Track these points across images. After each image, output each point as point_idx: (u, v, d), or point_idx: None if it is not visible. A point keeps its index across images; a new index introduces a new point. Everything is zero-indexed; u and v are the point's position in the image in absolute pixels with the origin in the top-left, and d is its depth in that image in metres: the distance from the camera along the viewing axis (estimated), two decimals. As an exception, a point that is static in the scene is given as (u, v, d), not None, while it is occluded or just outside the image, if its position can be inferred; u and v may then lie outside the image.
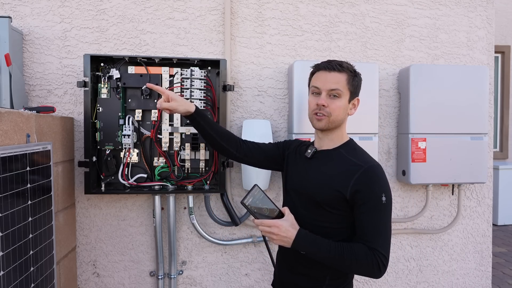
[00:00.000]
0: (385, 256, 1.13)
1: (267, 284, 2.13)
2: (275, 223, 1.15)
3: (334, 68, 1.22)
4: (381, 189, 1.15)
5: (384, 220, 1.15)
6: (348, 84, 1.23)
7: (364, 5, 2.19)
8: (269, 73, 2.10)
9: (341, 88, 1.22)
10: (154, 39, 2.01)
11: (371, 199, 1.14)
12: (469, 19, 2.29)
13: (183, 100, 1.41)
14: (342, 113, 1.24)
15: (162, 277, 1.98)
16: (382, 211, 1.14)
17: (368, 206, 1.14)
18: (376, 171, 1.17)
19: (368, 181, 1.15)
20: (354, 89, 1.25)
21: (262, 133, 1.94)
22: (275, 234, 1.15)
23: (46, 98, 1.93)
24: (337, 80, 1.22)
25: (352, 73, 1.24)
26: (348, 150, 1.25)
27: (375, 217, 1.14)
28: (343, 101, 1.23)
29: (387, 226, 1.16)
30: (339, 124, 1.26)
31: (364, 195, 1.14)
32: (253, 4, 2.09)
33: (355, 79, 1.25)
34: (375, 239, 1.13)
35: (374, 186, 1.15)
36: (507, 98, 5.75)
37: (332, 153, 1.26)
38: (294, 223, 1.19)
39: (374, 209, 1.14)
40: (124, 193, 1.83)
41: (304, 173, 1.30)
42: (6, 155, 1.12)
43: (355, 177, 1.16)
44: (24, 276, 1.22)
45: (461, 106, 2.09)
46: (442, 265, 2.30)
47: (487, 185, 2.32)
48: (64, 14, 1.94)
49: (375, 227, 1.14)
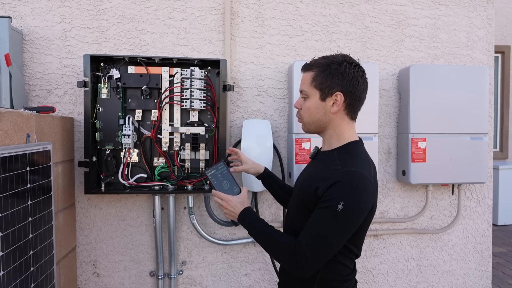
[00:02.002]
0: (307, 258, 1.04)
1: (267, 284, 2.13)
2: (227, 197, 1.25)
3: (304, 68, 1.19)
4: (342, 195, 1.03)
5: (327, 226, 1.04)
6: (313, 82, 1.14)
7: (364, 5, 2.19)
8: (269, 73, 2.10)
9: (305, 89, 1.17)
10: (154, 39, 2.01)
11: (327, 201, 1.04)
12: (469, 19, 2.29)
13: (253, 162, 1.63)
14: (315, 114, 1.16)
15: (162, 277, 1.98)
16: (329, 216, 1.03)
17: (322, 206, 1.06)
18: (349, 178, 1.05)
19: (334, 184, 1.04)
20: (323, 85, 1.13)
21: (262, 133, 1.94)
22: (225, 208, 1.25)
23: (46, 98, 1.93)
24: (303, 80, 1.18)
25: (322, 67, 1.13)
26: (341, 153, 1.15)
27: (320, 217, 1.05)
28: (312, 101, 1.16)
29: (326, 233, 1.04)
30: (320, 125, 1.18)
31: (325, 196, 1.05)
32: (253, 4, 2.09)
33: (323, 74, 1.12)
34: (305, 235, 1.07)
35: (336, 191, 1.04)
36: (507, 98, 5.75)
37: (327, 154, 1.20)
38: (245, 201, 1.25)
39: (323, 211, 1.05)
40: (124, 193, 1.83)
41: (303, 172, 1.30)
42: (6, 155, 1.12)
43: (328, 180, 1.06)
44: (24, 276, 1.22)
45: (461, 106, 2.09)
46: (442, 265, 2.30)
47: (487, 185, 2.32)
48: (64, 14, 1.94)
49: (313, 225, 1.06)
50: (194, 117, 1.88)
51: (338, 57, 1.15)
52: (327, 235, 1.05)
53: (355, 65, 1.14)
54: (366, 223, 1.14)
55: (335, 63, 1.12)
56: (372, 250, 2.22)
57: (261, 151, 1.92)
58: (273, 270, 2.10)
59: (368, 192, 1.07)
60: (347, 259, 1.16)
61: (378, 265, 2.24)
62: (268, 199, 2.11)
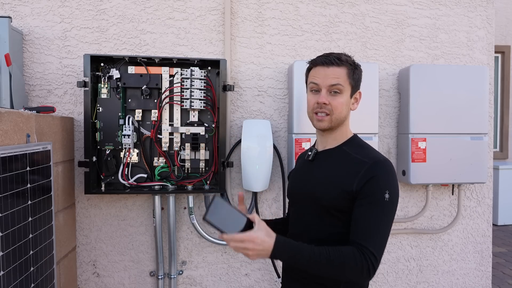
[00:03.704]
0: (376, 258, 1.01)
1: (267, 284, 2.13)
2: (249, 237, 0.96)
3: (332, 63, 1.14)
4: (385, 185, 1.06)
5: (382, 217, 1.04)
6: (349, 78, 1.15)
7: (364, 5, 2.19)
8: (269, 73, 2.10)
9: (342, 83, 1.14)
10: (154, 39, 2.01)
11: (373, 194, 1.05)
12: (469, 19, 2.29)
13: None
14: (345, 110, 1.16)
15: (162, 277, 1.98)
16: (381, 208, 1.04)
17: (368, 201, 1.05)
18: (382, 166, 1.08)
19: (372, 177, 1.06)
20: (355, 83, 1.17)
21: (262, 133, 1.94)
22: (250, 249, 0.96)
23: (46, 98, 1.93)
24: (337, 74, 1.14)
25: (352, 65, 1.16)
26: (351, 147, 1.17)
27: (373, 212, 1.04)
28: (344, 97, 1.15)
29: (384, 225, 1.05)
30: (342, 121, 1.18)
31: (366, 190, 1.05)
32: (253, 4, 2.09)
33: (355, 72, 1.17)
34: (367, 237, 1.02)
35: (377, 182, 1.06)
36: (507, 98, 5.75)
37: (335, 151, 1.18)
38: (269, 230, 1.01)
39: (373, 204, 1.04)
40: (124, 193, 1.83)
41: (308, 175, 1.22)
42: (6, 155, 1.12)
43: (360, 175, 1.07)
44: (24, 276, 1.22)
45: (461, 106, 2.09)
46: (442, 265, 2.30)
47: (487, 185, 2.32)
48: (64, 14, 1.94)
49: (371, 223, 1.03)
50: (194, 117, 1.88)
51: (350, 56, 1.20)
52: (383, 228, 1.05)
53: None
54: None
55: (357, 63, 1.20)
56: (372, 250, 2.22)
57: (261, 151, 1.92)
58: (273, 270, 2.10)
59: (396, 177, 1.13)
60: None
61: (378, 265, 2.24)
62: (268, 199, 2.11)
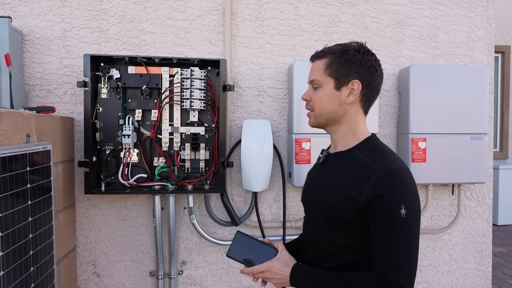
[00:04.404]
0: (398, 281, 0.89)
1: (267, 284, 2.12)
2: (266, 267, 1.04)
3: (316, 56, 1.07)
4: (399, 199, 0.92)
5: (401, 237, 0.91)
6: (327, 69, 1.02)
7: (364, 5, 2.19)
8: (269, 73, 2.10)
9: (318, 78, 1.04)
10: (154, 39, 2.01)
11: (386, 211, 0.92)
12: (469, 19, 2.29)
13: None
14: (328, 104, 1.03)
15: (162, 277, 1.98)
16: (398, 227, 0.91)
17: (382, 219, 0.92)
18: (396, 176, 0.94)
19: (383, 190, 0.92)
20: (339, 72, 1.02)
21: (262, 133, 1.94)
22: (270, 278, 1.05)
23: (46, 98, 1.93)
24: (314, 69, 1.06)
25: (337, 53, 1.02)
26: (363, 150, 1.02)
27: (390, 233, 0.92)
28: (325, 90, 1.03)
29: (407, 245, 0.91)
30: (332, 118, 1.05)
31: (377, 206, 0.93)
32: (253, 4, 2.09)
33: (339, 60, 1.02)
34: (388, 263, 0.91)
35: (390, 195, 0.92)
36: (507, 98, 5.75)
37: (345, 155, 1.05)
38: (287, 259, 1.05)
39: (388, 224, 0.92)
40: (124, 193, 1.83)
41: (317, 180, 1.12)
42: (6, 155, 1.12)
43: (370, 185, 0.94)
44: (24, 276, 1.22)
45: (461, 106, 2.09)
46: (442, 265, 2.30)
47: (487, 185, 2.32)
48: (64, 14, 1.94)
49: (389, 247, 0.92)
50: (194, 117, 1.88)
51: (354, 44, 1.05)
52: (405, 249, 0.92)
53: (372, 54, 1.05)
54: None
55: (352, 50, 1.03)
56: (372, 250, 2.22)
57: (261, 151, 1.92)
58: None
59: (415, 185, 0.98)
60: None
61: (378, 265, 2.24)
62: (268, 199, 2.11)
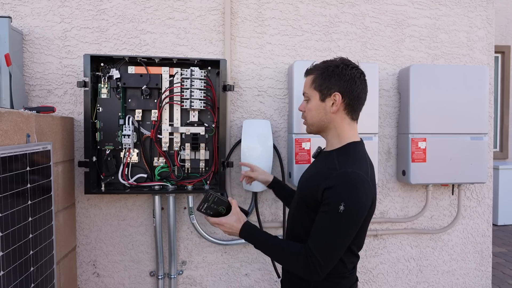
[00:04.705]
0: (321, 264, 1.10)
1: (267, 284, 2.13)
2: (219, 221, 1.27)
3: (306, 73, 1.28)
4: (342, 196, 1.08)
5: (333, 227, 1.09)
6: (313, 84, 1.23)
7: (364, 5, 2.19)
8: (269, 73, 2.10)
9: (306, 91, 1.27)
10: (154, 39, 2.01)
11: (329, 203, 1.10)
12: (469, 19, 2.29)
13: (263, 171, 1.75)
14: (316, 115, 1.24)
15: (162, 277, 1.98)
16: (333, 218, 1.09)
17: (324, 209, 1.11)
18: (348, 177, 1.11)
19: (334, 186, 1.10)
20: (322, 86, 1.21)
21: (262, 133, 1.94)
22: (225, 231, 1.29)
23: (46, 98, 1.93)
24: (305, 84, 1.27)
25: (320, 70, 1.22)
26: (339, 153, 1.21)
27: (324, 220, 1.11)
28: (313, 102, 1.24)
29: (335, 235, 1.10)
30: (322, 125, 1.25)
31: (325, 198, 1.11)
32: (253, 4, 2.09)
33: (321, 76, 1.21)
34: (315, 241, 1.12)
35: (336, 192, 1.10)
36: (507, 98, 5.75)
37: (327, 154, 1.26)
38: (240, 217, 1.28)
39: (326, 213, 1.11)
40: (124, 193, 1.83)
41: (306, 171, 1.35)
42: (6, 155, 1.12)
43: (327, 180, 1.12)
44: (24, 276, 1.22)
45: (461, 106, 2.09)
46: (442, 265, 2.30)
47: (487, 185, 2.32)
48: (64, 14, 1.94)
49: (319, 230, 1.11)
50: (194, 117, 1.88)
51: (336, 60, 1.24)
52: (334, 238, 1.10)
53: (352, 67, 1.22)
54: (365, 221, 1.19)
55: (333, 66, 1.21)
56: (372, 250, 2.22)
57: (261, 151, 1.92)
58: (273, 270, 2.09)
59: (366, 191, 1.13)
60: (346, 256, 1.20)
61: (378, 265, 2.24)
62: (268, 199, 2.11)
